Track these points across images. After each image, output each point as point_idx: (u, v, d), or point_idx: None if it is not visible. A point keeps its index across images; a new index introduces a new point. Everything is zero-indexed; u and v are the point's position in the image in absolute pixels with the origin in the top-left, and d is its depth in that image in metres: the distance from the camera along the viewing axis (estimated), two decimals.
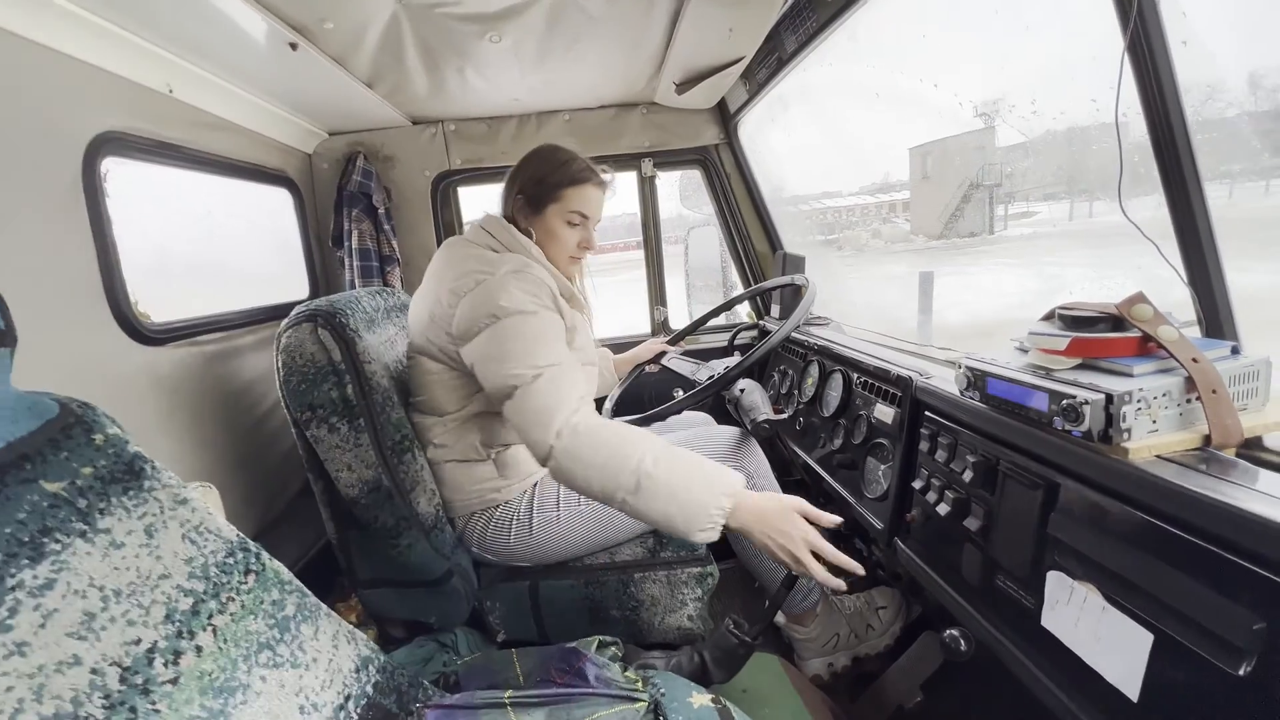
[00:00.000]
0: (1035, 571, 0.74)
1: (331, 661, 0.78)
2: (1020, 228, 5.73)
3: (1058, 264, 4.39)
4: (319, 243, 1.87)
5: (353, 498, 1.08)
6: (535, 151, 1.21)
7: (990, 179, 6.97)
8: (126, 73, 1.09)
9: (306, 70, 1.31)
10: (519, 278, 1.06)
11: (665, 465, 0.92)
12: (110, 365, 1.05)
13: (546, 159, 1.19)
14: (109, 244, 1.05)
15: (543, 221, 1.18)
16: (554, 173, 1.17)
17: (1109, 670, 0.64)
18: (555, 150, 1.20)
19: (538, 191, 1.17)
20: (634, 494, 0.91)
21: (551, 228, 1.18)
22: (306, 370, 1.04)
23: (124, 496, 0.65)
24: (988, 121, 6.10)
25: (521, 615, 1.20)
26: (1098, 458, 0.65)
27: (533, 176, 1.17)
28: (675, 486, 0.91)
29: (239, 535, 0.76)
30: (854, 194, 5.47)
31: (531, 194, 1.17)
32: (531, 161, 1.19)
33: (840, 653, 1.31)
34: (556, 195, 1.17)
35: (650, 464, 0.91)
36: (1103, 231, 3.41)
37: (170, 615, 0.63)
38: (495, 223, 1.17)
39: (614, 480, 0.91)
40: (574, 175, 1.17)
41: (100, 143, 1.04)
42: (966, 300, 3.95)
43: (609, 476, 0.92)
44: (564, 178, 1.17)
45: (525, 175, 1.18)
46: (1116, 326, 0.70)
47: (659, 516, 0.91)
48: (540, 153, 1.20)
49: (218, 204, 1.47)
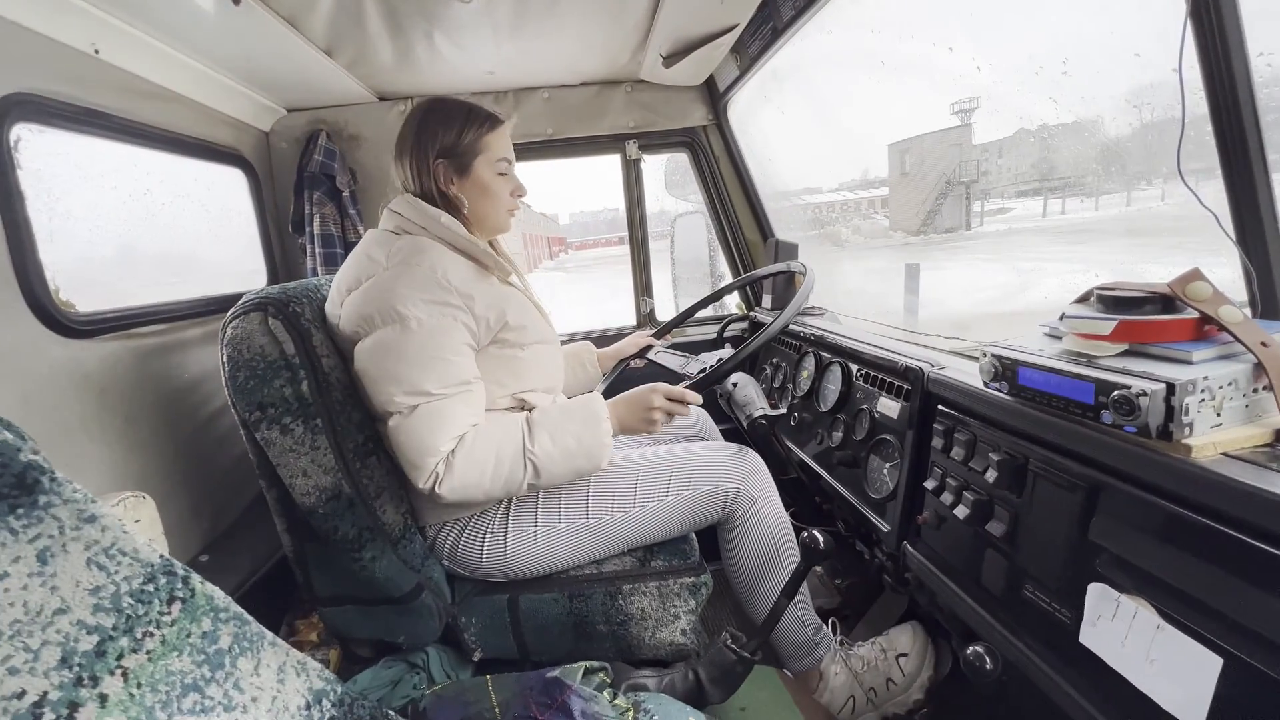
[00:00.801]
0: (1072, 583, 0.67)
1: (276, 699, 0.68)
2: (995, 224, 5.76)
3: (1036, 258, 4.41)
4: (278, 228, 1.73)
5: (309, 506, 0.96)
6: (425, 111, 1.04)
7: (967, 175, 7.01)
8: (41, 28, 0.95)
9: (254, 32, 1.18)
10: (408, 270, 0.94)
11: (547, 438, 0.98)
12: (22, 360, 0.92)
13: (449, 113, 1.03)
14: (20, 221, 0.92)
15: (473, 181, 1.05)
16: (467, 125, 1.03)
17: (1165, 697, 0.57)
18: (445, 101, 1.06)
19: (459, 149, 1.03)
20: (536, 477, 0.98)
21: (484, 183, 1.05)
22: (255, 364, 0.93)
23: (9, 516, 0.54)
24: (964, 119, 6.11)
25: (500, 632, 1.10)
26: (1154, 456, 0.57)
27: (446, 136, 1.03)
28: (568, 448, 0.99)
29: (163, 557, 0.65)
30: (833, 190, 5.46)
31: (453, 154, 1.03)
32: (431, 121, 1.03)
33: (863, 715, 1.13)
34: (479, 147, 1.04)
35: (534, 447, 0.97)
36: (1076, 227, 3.43)
37: (67, 659, 0.52)
38: (402, 202, 1.03)
39: (510, 480, 0.97)
40: (487, 120, 1.05)
41: (9, 105, 0.91)
42: (945, 295, 3.93)
43: (502, 480, 0.96)
44: (481, 126, 1.04)
45: (436, 138, 1.02)
46: (1167, 308, 0.62)
47: (566, 476, 1.01)
48: (433, 110, 1.04)
49: (159, 184, 1.33)
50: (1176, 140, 0.65)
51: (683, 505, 1.09)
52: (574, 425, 1.00)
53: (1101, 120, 1.07)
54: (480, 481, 0.94)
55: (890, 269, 5.42)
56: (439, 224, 1.01)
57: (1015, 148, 3.92)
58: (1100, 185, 2.26)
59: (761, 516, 1.10)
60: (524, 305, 1.09)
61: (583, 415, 1.02)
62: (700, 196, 2.02)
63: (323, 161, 1.65)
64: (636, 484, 1.08)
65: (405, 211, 1.02)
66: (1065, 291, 0.71)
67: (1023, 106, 1.25)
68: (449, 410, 0.94)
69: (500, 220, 1.10)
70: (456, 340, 0.96)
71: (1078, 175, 2.78)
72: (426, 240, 1.00)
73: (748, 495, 1.09)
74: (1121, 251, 2.49)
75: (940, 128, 4.72)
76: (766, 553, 1.11)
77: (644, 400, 1.05)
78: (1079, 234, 4.70)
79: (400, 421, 0.93)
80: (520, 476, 0.97)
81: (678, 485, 1.09)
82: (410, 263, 0.95)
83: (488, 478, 0.95)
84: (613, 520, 1.07)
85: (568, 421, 1.01)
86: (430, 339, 0.93)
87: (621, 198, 1.98)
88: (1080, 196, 3.18)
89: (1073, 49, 0.90)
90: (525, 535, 1.06)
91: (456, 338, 0.96)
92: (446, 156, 1.03)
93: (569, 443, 0.99)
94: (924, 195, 6.29)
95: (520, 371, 1.07)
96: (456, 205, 1.05)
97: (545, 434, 0.98)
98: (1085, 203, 3.28)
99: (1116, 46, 0.84)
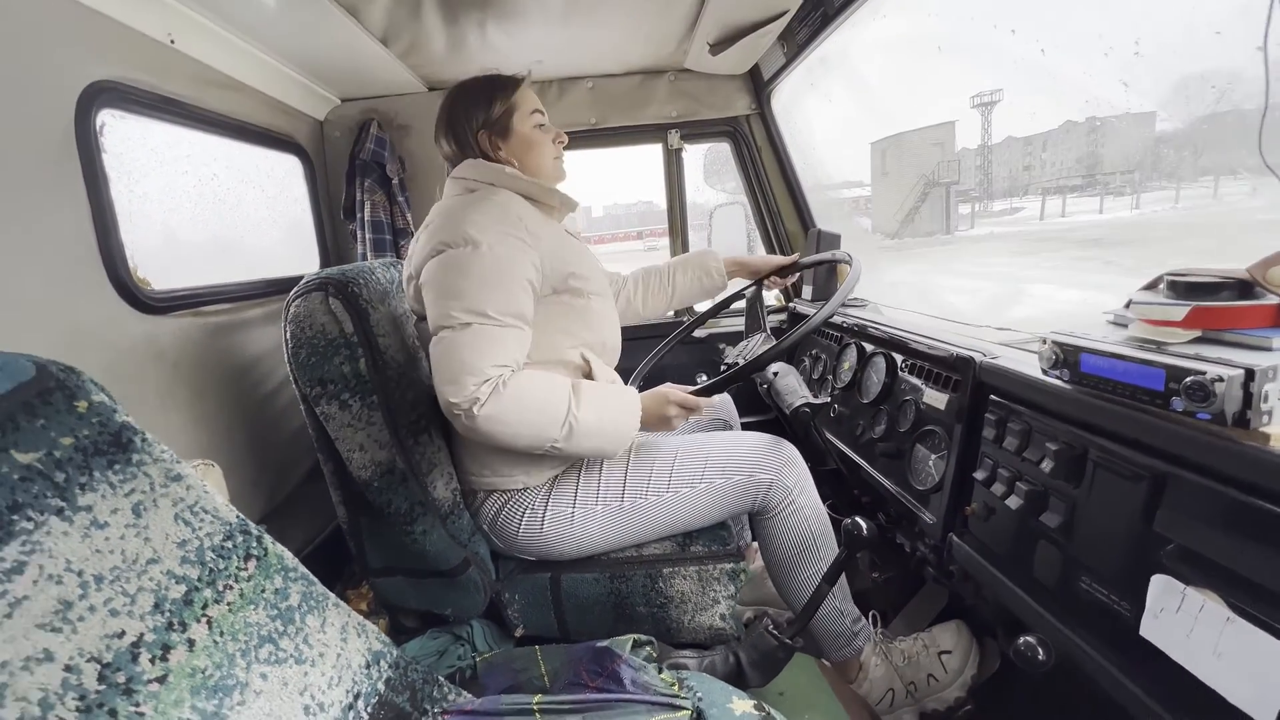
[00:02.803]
0: (1133, 575, 0.65)
1: (340, 656, 0.71)
2: (990, 225, 5.51)
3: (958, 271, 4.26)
4: (330, 214, 1.79)
5: (365, 480, 1.00)
6: (453, 99, 1.11)
7: (947, 176, 6.70)
8: (124, 18, 1.01)
9: (317, 23, 1.22)
10: (482, 202, 1.00)
11: (590, 409, 0.99)
12: (107, 334, 0.98)
13: (478, 89, 1.10)
14: (105, 204, 0.97)
15: (516, 139, 1.10)
16: (496, 92, 1.09)
17: (1234, 691, 0.55)
18: (467, 83, 1.12)
19: (494, 114, 1.09)
20: (566, 440, 0.98)
21: (525, 136, 1.11)
22: (316, 342, 0.97)
23: (109, 471, 0.58)
24: (985, 113, 5.87)
25: (541, 609, 1.13)
26: (1230, 445, 0.55)
27: (479, 112, 1.09)
28: (603, 427, 1.01)
29: (239, 517, 0.69)
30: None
31: (493, 121, 1.09)
32: (462, 104, 1.10)
33: (901, 709, 1.12)
34: (513, 106, 1.10)
35: (578, 411, 0.98)
36: (1047, 235, 3.34)
37: (159, 605, 0.56)
38: (466, 165, 1.09)
39: (543, 433, 0.96)
40: (509, 83, 1.11)
41: (95, 92, 0.96)
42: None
43: (536, 430, 0.96)
44: (506, 89, 1.10)
45: (472, 116, 1.09)
46: (1245, 293, 0.60)
47: (588, 452, 1.03)
48: (459, 95, 1.11)
49: (223, 170, 1.39)
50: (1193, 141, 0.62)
51: (716, 493, 1.09)
52: (613, 406, 1.03)
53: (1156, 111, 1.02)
54: (517, 421, 0.94)
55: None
56: (504, 175, 1.06)
57: (1063, 140, 3.79)
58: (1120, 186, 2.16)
59: (797, 507, 1.10)
60: (585, 254, 1.14)
61: (621, 401, 1.05)
62: (737, 186, 2.01)
63: (374, 150, 1.70)
64: (672, 470, 1.10)
65: (469, 173, 1.07)
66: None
67: (1090, 90, 1.20)
68: (500, 337, 0.94)
69: (550, 168, 1.14)
70: (521, 273, 0.99)
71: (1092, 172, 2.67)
72: (498, 190, 1.05)
73: (782, 486, 1.09)
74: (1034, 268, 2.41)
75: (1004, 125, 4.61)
76: (803, 543, 1.11)
77: (660, 407, 1.08)
78: (1044, 242, 4.55)
79: (451, 336, 0.93)
80: (553, 434, 0.97)
81: (711, 474, 1.09)
82: (485, 199, 1.00)
83: (525, 423, 0.95)
84: (646, 504, 1.09)
85: (609, 400, 1.04)
86: (498, 264, 0.96)
87: (652, 188, 1.98)
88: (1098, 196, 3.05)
89: (1145, 29, 0.86)
90: (562, 515, 1.08)
91: (521, 271, 0.99)
92: (489, 126, 1.09)
93: (605, 420, 1.02)
94: (903, 197, 6.08)
95: (590, 321, 1.11)
96: (509, 164, 1.09)
97: (589, 404, 1.00)
98: (1115, 201, 3.14)
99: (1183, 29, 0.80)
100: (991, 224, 5.24)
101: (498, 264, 0.96)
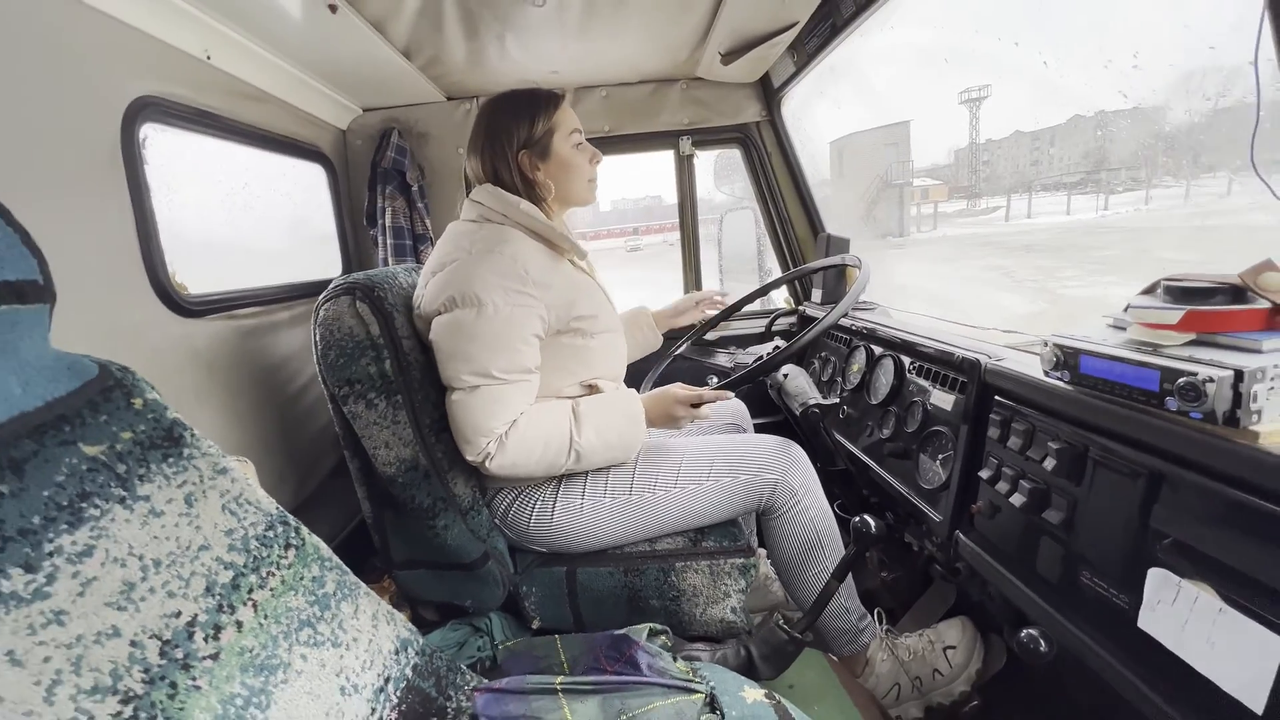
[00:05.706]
0: (1131, 568, 0.68)
1: (372, 642, 0.75)
2: (954, 228, 5.44)
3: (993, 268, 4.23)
4: (352, 220, 1.85)
5: (390, 476, 1.05)
6: (494, 109, 1.11)
7: (900, 177, 6.57)
8: (164, 35, 1.06)
9: (344, 37, 1.27)
10: (490, 257, 1.01)
11: (591, 430, 1.06)
12: (148, 335, 1.03)
13: (517, 106, 1.10)
14: (148, 212, 1.03)
15: (555, 160, 1.12)
16: (537, 110, 1.10)
17: (1226, 679, 0.58)
18: (510, 96, 1.12)
19: (536, 133, 1.10)
20: (576, 463, 1.06)
21: (566, 159, 1.12)
22: (345, 344, 1.01)
23: (163, 463, 0.62)
24: (973, 109, 5.82)
25: (557, 601, 1.17)
26: (1220, 443, 0.58)
27: (521, 129, 1.09)
28: (609, 441, 1.07)
29: (278, 508, 0.73)
30: None
31: (535, 141, 1.10)
32: (503, 117, 1.10)
33: (907, 703, 1.15)
34: (554, 126, 1.11)
35: (579, 437, 1.05)
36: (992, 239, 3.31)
37: (210, 588, 0.61)
38: (484, 191, 1.10)
39: (554, 463, 1.05)
40: (551, 100, 1.11)
41: (139, 107, 1.01)
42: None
43: (546, 462, 1.05)
44: (548, 107, 1.11)
45: (513, 134, 1.09)
46: (1237, 298, 0.63)
47: (602, 463, 1.10)
48: (501, 107, 1.11)
49: (252, 178, 1.44)
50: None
51: (722, 492, 1.12)
52: (616, 420, 1.09)
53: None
54: (527, 463, 1.04)
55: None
56: (518, 210, 1.08)
57: (1068, 136, 3.77)
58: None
59: (803, 508, 1.13)
60: (594, 293, 1.16)
61: (624, 410, 1.10)
62: (744, 189, 2.04)
63: (394, 158, 1.76)
64: (680, 468, 1.13)
65: (486, 200, 1.09)
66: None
67: (1089, 99, 1.22)
68: (507, 396, 1.01)
69: (584, 191, 1.17)
70: (527, 331, 1.03)
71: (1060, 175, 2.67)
72: (508, 229, 1.07)
73: (788, 487, 1.12)
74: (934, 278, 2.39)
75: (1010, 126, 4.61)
76: (809, 543, 1.14)
77: (665, 407, 1.13)
78: (985, 247, 4.48)
79: (462, 398, 1.01)
80: (563, 461, 1.06)
81: (718, 473, 1.13)
82: (493, 250, 1.02)
83: (534, 460, 1.04)
84: (654, 500, 1.12)
85: (611, 416, 1.09)
86: (504, 327, 1.00)
87: (660, 183, 2.03)
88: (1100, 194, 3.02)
89: (1144, 40, 0.89)
90: (571, 508, 1.12)
91: (527, 328, 1.03)
92: (527, 147, 1.10)
93: (610, 436, 1.08)
94: (858, 198, 5.97)
95: (589, 360, 1.13)
96: (543, 190, 1.11)
97: (590, 426, 1.06)
98: (1117, 199, 3.12)
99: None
100: (972, 223, 5.19)
101: (504, 325, 1.00)
